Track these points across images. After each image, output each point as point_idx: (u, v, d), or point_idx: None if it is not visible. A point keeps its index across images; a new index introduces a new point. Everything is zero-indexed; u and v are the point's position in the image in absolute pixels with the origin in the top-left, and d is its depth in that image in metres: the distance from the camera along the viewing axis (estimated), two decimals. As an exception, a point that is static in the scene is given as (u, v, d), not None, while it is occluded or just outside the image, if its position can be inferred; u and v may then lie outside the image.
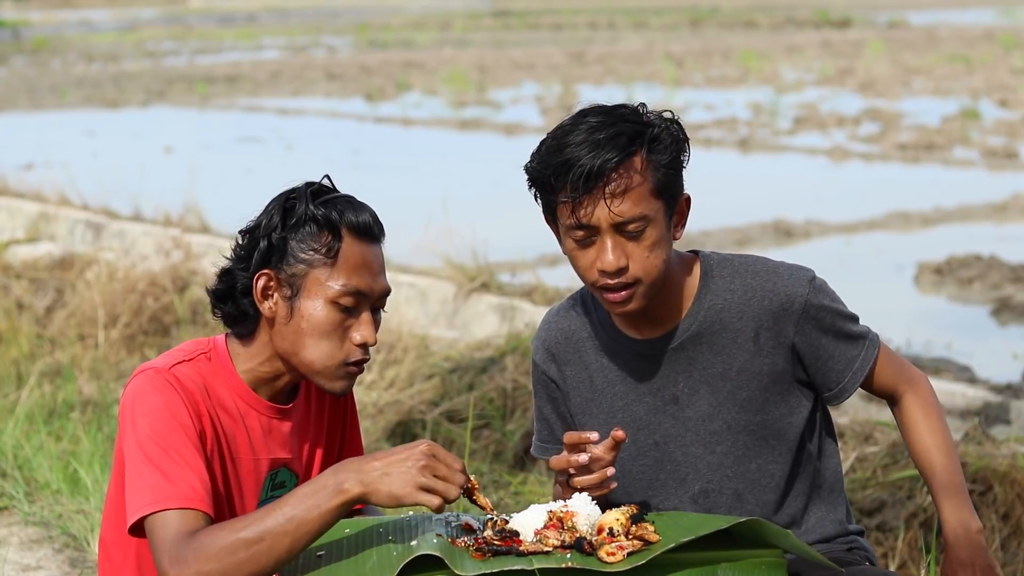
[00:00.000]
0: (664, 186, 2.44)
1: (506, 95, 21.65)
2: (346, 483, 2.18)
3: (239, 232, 2.47)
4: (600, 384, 2.61)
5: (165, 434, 2.31)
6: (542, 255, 9.18)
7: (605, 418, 2.60)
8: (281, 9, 60.07)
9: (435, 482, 2.16)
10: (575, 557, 2.19)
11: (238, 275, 2.44)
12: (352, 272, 2.40)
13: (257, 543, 2.18)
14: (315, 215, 2.39)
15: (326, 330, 2.40)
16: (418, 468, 2.17)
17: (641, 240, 2.43)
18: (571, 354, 2.64)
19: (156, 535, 2.24)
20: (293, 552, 2.20)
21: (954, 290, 8.73)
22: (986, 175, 13.25)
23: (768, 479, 2.55)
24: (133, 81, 25.74)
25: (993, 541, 4.19)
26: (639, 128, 2.43)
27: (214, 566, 2.18)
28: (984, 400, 5.42)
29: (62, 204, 10.54)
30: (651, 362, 2.57)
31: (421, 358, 5.98)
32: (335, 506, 2.18)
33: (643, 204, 2.41)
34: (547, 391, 2.68)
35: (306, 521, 2.18)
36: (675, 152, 2.46)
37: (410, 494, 2.16)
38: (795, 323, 2.52)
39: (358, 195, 2.50)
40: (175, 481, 2.27)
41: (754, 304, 2.53)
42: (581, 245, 2.46)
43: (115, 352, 6.98)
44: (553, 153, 2.44)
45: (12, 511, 4.80)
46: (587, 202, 2.40)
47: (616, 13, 47.97)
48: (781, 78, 23.06)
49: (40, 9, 59.78)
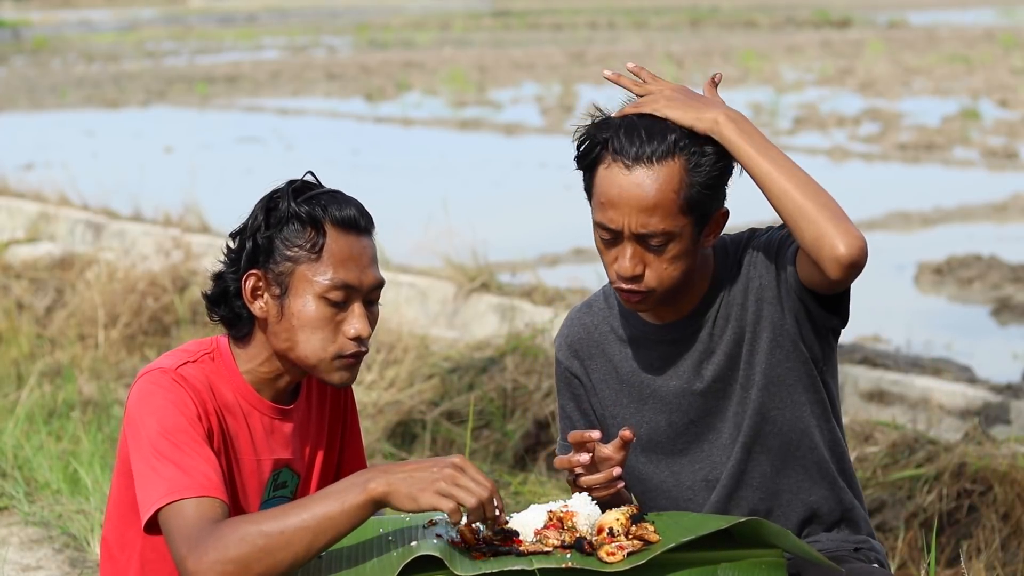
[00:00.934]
0: (696, 204, 2.45)
1: (506, 95, 21.64)
2: (371, 482, 2.19)
3: (229, 235, 2.48)
4: (626, 374, 2.63)
5: (175, 430, 2.31)
6: (542, 255, 9.18)
7: (636, 407, 2.63)
8: (281, 9, 60.05)
9: (454, 489, 2.17)
10: (575, 557, 2.19)
11: (229, 278, 2.45)
12: (338, 266, 2.40)
13: (278, 537, 2.17)
14: (297, 212, 2.40)
15: (317, 325, 2.40)
16: (442, 475, 2.18)
17: (662, 253, 2.45)
18: (594, 348, 2.66)
19: (173, 524, 2.23)
20: (312, 550, 2.19)
21: (954, 290, 8.73)
22: (986, 175, 13.25)
23: (795, 461, 2.58)
24: (133, 81, 25.73)
25: (993, 541, 4.19)
26: (686, 142, 2.44)
27: (233, 556, 2.17)
28: (984, 400, 5.42)
29: (62, 204, 10.54)
30: (674, 346, 2.59)
31: (421, 358, 5.98)
32: (359, 503, 2.18)
33: (669, 220, 2.43)
34: (570, 388, 2.70)
35: (328, 517, 2.18)
36: (719, 171, 2.47)
37: (427, 497, 2.16)
38: (776, 267, 2.53)
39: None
40: (189, 472, 2.27)
41: (747, 274, 2.56)
42: (606, 244, 2.49)
43: (115, 352, 6.98)
44: (603, 123, 2.48)
45: (12, 511, 4.80)
46: (614, 205, 2.43)
47: (616, 13, 47.95)
48: (781, 78, 23.05)
49: (40, 9, 59.76)
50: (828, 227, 2.37)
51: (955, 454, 4.45)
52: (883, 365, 5.94)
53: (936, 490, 4.35)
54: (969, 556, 4.14)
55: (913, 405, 5.48)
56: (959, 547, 4.23)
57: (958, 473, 4.39)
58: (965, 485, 4.36)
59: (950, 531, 4.31)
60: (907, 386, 5.59)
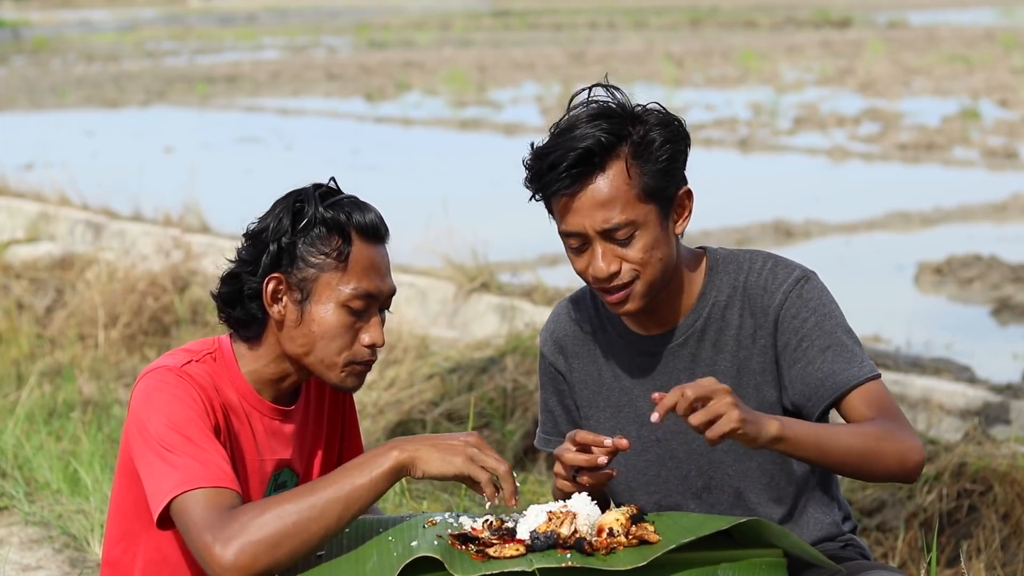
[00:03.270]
0: (653, 189, 2.41)
1: (506, 95, 21.65)
2: (395, 450, 2.22)
3: (243, 235, 2.46)
4: (607, 378, 2.61)
5: (185, 423, 2.30)
6: (542, 255, 9.18)
7: (612, 411, 2.61)
8: (281, 9, 60.05)
9: (486, 457, 2.23)
10: (575, 557, 2.18)
11: (246, 279, 2.43)
12: (362, 275, 2.40)
13: (308, 511, 2.18)
14: (324, 218, 2.39)
15: (337, 333, 2.40)
16: (469, 443, 2.23)
17: (632, 244, 2.42)
18: (580, 347, 2.64)
19: (190, 515, 2.21)
20: (343, 522, 2.21)
21: (954, 290, 8.73)
22: (986, 175, 13.25)
23: (768, 478, 2.55)
24: (133, 81, 25.74)
25: (993, 541, 4.19)
26: (623, 132, 2.40)
27: (264, 534, 2.16)
28: (984, 400, 5.41)
29: (62, 204, 10.54)
30: (655, 358, 2.57)
31: (421, 358, 5.99)
32: (386, 470, 2.21)
33: (629, 210, 2.40)
34: (554, 383, 2.68)
35: (357, 487, 2.20)
36: (668, 153, 2.41)
37: (462, 463, 2.21)
38: (775, 322, 2.49)
39: (358, 195, 2.50)
40: (204, 462, 2.26)
41: (751, 301, 2.51)
42: (575, 251, 2.46)
43: (115, 352, 6.98)
44: (539, 156, 2.43)
45: (12, 511, 4.80)
46: (572, 211, 2.40)
47: (616, 13, 47.95)
48: (781, 78, 23.05)
49: (40, 9, 59.76)
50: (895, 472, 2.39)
51: (955, 454, 4.45)
52: (883, 365, 5.94)
53: (936, 490, 4.35)
54: (969, 556, 4.14)
55: (913, 405, 5.47)
56: (959, 547, 4.23)
57: (958, 473, 4.39)
58: (965, 485, 4.36)
59: (950, 531, 4.31)
60: (907, 386, 5.59)
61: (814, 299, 2.48)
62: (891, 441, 2.36)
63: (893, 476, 2.39)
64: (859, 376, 2.43)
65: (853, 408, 2.43)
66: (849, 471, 2.37)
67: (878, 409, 2.41)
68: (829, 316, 2.46)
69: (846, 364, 2.43)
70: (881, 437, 2.35)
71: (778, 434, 2.25)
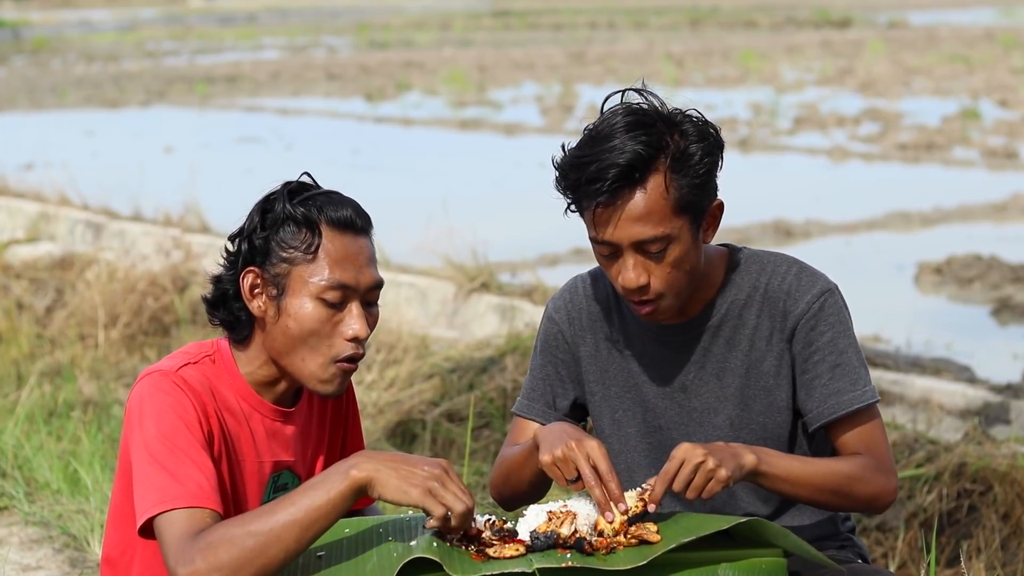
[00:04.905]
0: (688, 203, 2.41)
1: (506, 95, 21.65)
2: (354, 468, 2.17)
3: (228, 238, 2.47)
4: (616, 360, 2.61)
5: (171, 434, 2.30)
6: (542, 255, 9.18)
7: (617, 392, 2.61)
8: (281, 9, 60.05)
9: (445, 492, 2.16)
10: (575, 557, 2.18)
11: (227, 280, 2.44)
12: (334, 266, 2.38)
13: (267, 535, 2.15)
14: (292, 213, 2.39)
15: (314, 327, 2.38)
16: (432, 475, 2.17)
17: (664, 258, 2.41)
18: (593, 323, 2.63)
19: (164, 536, 2.23)
20: (303, 543, 2.17)
21: (954, 290, 8.73)
22: (986, 175, 13.25)
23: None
24: (133, 81, 25.74)
25: (993, 541, 4.19)
26: (662, 143, 2.38)
27: (224, 560, 2.15)
28: (984, 400, 5.41)
29: (62, 204, 10.54)
30: (667, 348, 2.57)
31: (421, 358, 5.98)
32: (344, 489, 2.16)
33: (664, 224, 2.39)
34: (556, 351, 2.65)
35: (314, 508, 2.16)
36: (707, 168, 2.41)
37: (418, 496, 2.14)
38: (792, 329, 2.50)
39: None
40: (182, 480, 2.26)
41: (771, 304, 2.52)
42: (607, 259, 2.46)
43: (115, 352, 6.98)
44: (576, 167, 2.40)
45: (12, 511, 4.80)
46: (606, 222, 2.39)
47: (616, 13, 47.96)
48: (781, 78, 23.06)
49: (40, 9, 59.76)
50: (862, 510, 2.50)
51: (955, 454, 4.45)
52: (883, 365, 5.94)
53: (936, 490, 4.35)
54: (969, 556, 4.14)
55: (913, 405, 5.47)
56: (959, 547, 4.23)
57: (958, 473, 4.39)
58: (965, 485, 4.36)
59: (950, 531, 4.31)
60: (907, 386, 5.59)
61: (834, 314, 2.51)
62: (864, 484, 2.44)
63: (861, 512, 2.51)
64: (860, 401, 2.48)
65: (843, 435, 2.50)
66: (819, 506, 2.46)
67: (865, 443, 2.49)
68: (844, 334, 2.50)
69: (850, 385, 2.48)
70: (856, 479, 2.43)
71: (753, 468, 2.35)
